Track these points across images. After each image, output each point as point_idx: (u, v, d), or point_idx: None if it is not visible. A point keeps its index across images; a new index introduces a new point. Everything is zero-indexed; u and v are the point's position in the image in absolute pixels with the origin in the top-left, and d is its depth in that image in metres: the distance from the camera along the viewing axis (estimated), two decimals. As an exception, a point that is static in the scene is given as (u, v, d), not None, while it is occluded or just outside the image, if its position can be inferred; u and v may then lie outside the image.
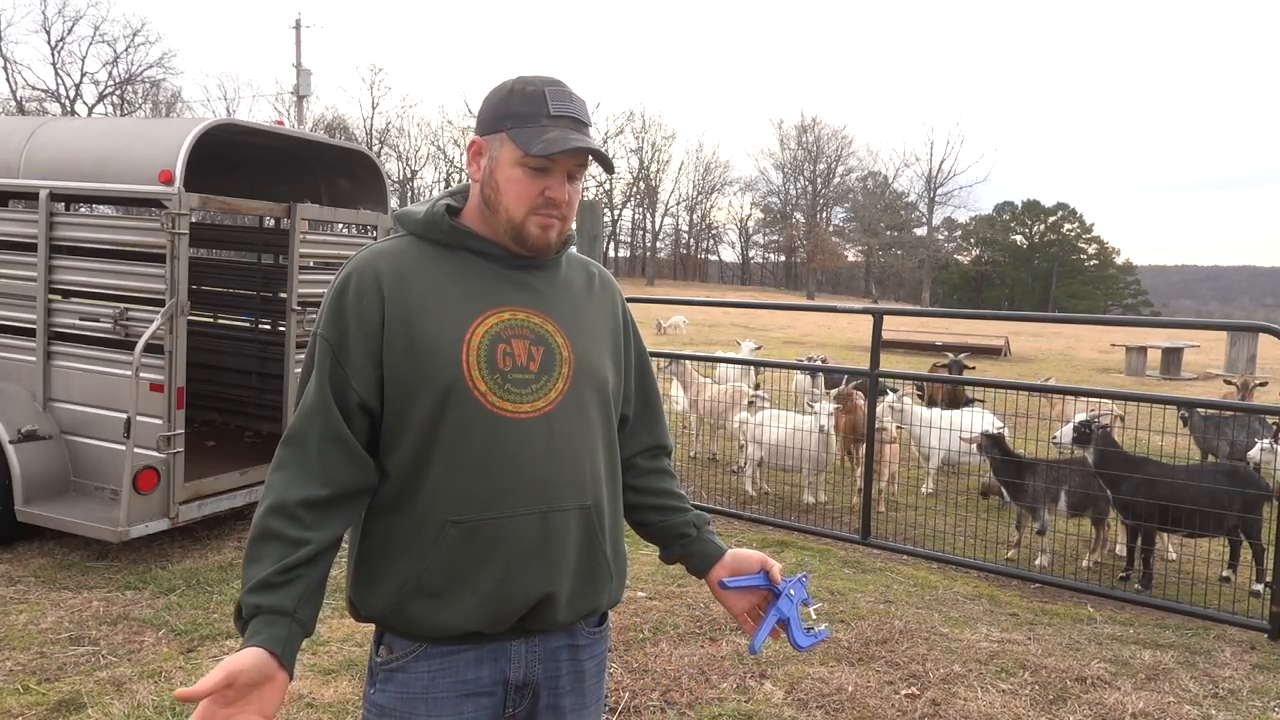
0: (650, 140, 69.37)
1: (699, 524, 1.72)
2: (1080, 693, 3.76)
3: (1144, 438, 6.76)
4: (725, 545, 1.71)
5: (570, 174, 1.50)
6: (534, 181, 1.47)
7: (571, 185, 1.51)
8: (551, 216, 1.50)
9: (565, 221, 1.53)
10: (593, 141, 1.48)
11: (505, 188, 1.49)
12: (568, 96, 1.49)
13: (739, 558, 1.67)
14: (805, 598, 1.64)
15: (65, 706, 3.36)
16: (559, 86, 1.50)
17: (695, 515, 1.73)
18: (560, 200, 1.49)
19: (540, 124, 1.46)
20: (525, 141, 1.45)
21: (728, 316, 30.58)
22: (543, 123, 1.46)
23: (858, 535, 5.77)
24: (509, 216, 1.49)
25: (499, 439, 1.44)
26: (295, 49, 35.40)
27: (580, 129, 1.49)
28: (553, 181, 1.48)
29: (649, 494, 1.72)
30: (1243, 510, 5.00)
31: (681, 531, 1.71)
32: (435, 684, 1.47)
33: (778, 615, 1.62)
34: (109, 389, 4.91)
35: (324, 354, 1.47)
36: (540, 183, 1.48)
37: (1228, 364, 18.16)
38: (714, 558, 1.68)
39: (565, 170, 1.49)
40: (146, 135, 5.09)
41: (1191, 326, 6.24)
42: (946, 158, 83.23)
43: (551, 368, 1.49)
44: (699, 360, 9.11)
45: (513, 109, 1.48)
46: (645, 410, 1.74)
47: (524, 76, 1.52)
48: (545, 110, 1.47)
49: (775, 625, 1.62)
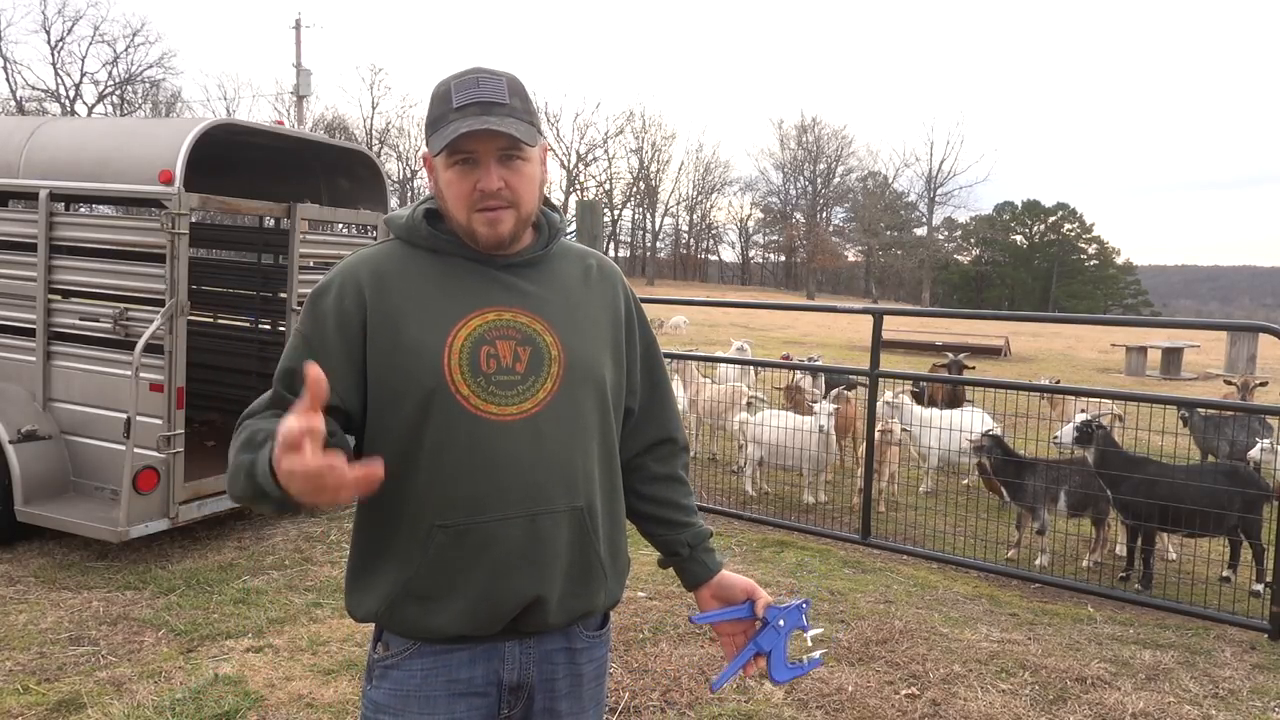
0: (650, 140, 69.40)
1: (693, 543, 1.69)
2: (1080, 693, 3.75)
3: (1144, 438, 6.76)
4: (719, 564, 1.68)
5: (503, 159, 1.45)
6: (465, 179, 1.44)
7: (507, 169, 1.45)
8: (492, 208, 1.45)
9: (517, 208, 1.47)
10: (496, 122, 1.42)
11: (445, 193, 1.48)
12: (473, 83, 1.44)
13: (725, 584, 1.65)
14: (803, 625, 1.60)
15: (65, 706, 3.36)
16: (466, 76, 1.46)
17: (692, 533, 1.70)
18: (491, 189, 1.44)
19: (448, 121, 1.43)
20: (435, 144, 1.44)
21: (728, 316, 30.56)
22: (450, 119, 1.43)
23: (858, 535, 5.77)
24: (457, 221, 1.48)
25: (483, 443, 1.43)
26: (295, 49, 35.44)
27: (491, 110, 1.43)
28: (481, 172, 1.44)
29: (652, 503, 1.70)
30: (1243, 510, 5.00)
31: (674, 550, 1.69)
32: (428, 682, 1.47)
33: (755, 649, 1.58)
34: (109, 389, 4.91)
35: (297, 347, 1.47)
36: (470, 177, 1.44)
37: (1228, 364, 18.16)
38: (700, 580, 1.67)
39: (490, 157, 1.44)
40: (146, 135, 5.09)
41: (1191, 326, 6.24)
42: (946, 158, 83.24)
43: (540, 368, 1.47)
44: (701, 360, 9.11)
45: (431, 115, 1.47)
46: (652, 401, 1.70)
47: (442, 79, 1.49)
48: (450, 105, 1.44)
49: (752, 658, 1.59)
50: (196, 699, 3.41)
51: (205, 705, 3.37)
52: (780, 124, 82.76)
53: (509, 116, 1.44)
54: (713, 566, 1.68)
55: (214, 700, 3.40)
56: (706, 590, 1.66)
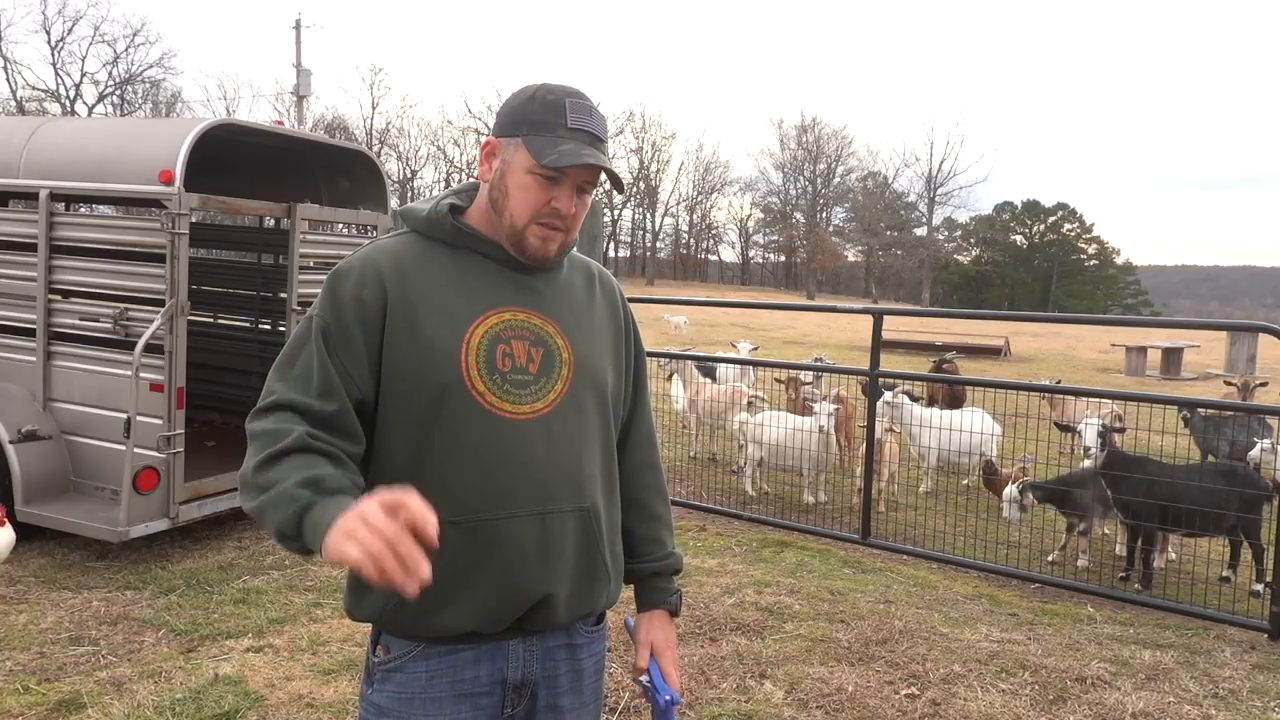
0: (650, 140, 69.33)
1: (640, 576, 1.70)
2: (1080, 693, 3.76)
3: (1144, 438, 6.76)
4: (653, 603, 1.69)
5: (580, 188, 1.49)
6: (542, 191, 1.46)
7: (579, 199, 1.50)
8: (554, 228, 1.49)
9: (568, 234, 1.52)
10: (606, 160, 1.48)
11: (514, 193, 1.48)
12: (588, 111, 1.48)
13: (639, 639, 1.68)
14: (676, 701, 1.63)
15: (65, 706, 3.36)
16: (580, 99, 1.49)
17: (649, 567, 1.70)
18: (566, 213, 1.48)
19: (556, 134, 1.45)
20: (539, 150, 1.44)
21: (728, 316, 30.57)
22: (559, 134, 1.45)
23: (858, 535, 5.77)
24: (512, 222, 1.49)
25: (496, 439, 1.43)
26: (295, 49, 35.42)
27: (596, 144, 1.48)
28: (561, 193, 1.47)
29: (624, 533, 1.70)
30: (1242, 510, 5.00)
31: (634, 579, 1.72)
32: (433, 684, 1.47)
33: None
34: (109, 389, 4.91)
35: (315, 330, 1.44)
36: (548, 193, 1.46)
37: (1228, 364, 18.16)
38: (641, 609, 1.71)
39: (575, 183, 1.47)
40: (146, 135, 5.09)
41: (1191, 326, 6.24)
42: (946, 158, 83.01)
43: (551, 369, 1.49)
44: (701, 360, 9.11)
45: (531, 116, 1.47)
46: (635, 417, 1.72)
47: (547, 85, 1.50)
48: (564, 121, 1.46)
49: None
50: (196, 699, 3.41)
51: (205, 705, 3.37)
52: (780, 124, 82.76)
53: (603, 155, 1.49)
54: (652, 601, 1.69)
55: (214, 700, 3.41)
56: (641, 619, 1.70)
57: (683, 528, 5.92)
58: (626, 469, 1.68)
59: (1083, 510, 5.52)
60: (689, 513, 6.32)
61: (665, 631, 1.68)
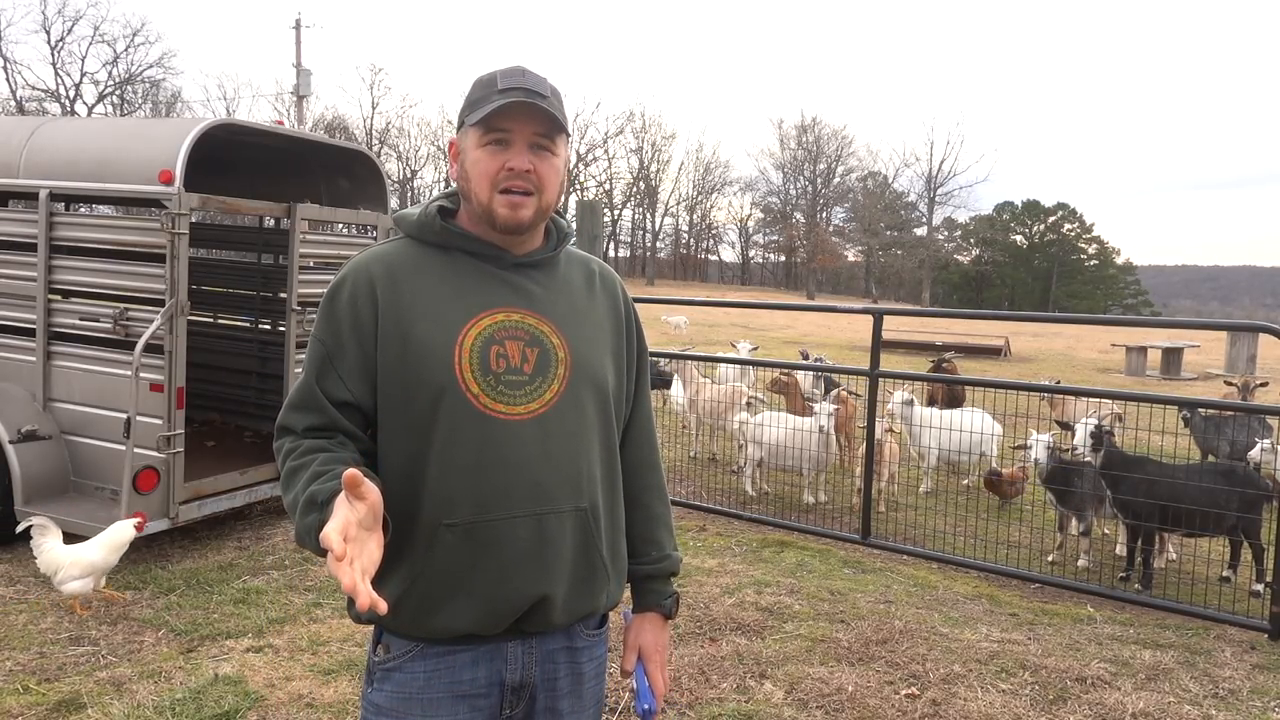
0: (650, 140, 69.26)
1: (636, 577, 1.71)
2: (1080, 693, 3.76)
3: (1144, 438, 6.76)
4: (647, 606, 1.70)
5: (536, 145, 1.48)
6: (494, 158, 1.47)
7: (536, 156, 1.48)
8: (518, 191, 1.47)
9: (539, 195, 1.49)
10: (534, 99, 1.45)
11: (471, 172, 1.49)
12: (519, 73, 1.48)
13: (628, 640, 1.69)
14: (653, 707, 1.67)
15: (65, 706, 3.36)
16: (513, 68, 1.50)
17: (645, 569, 1.70)
18: (522, 169, 1.46)
19: (490, 100, 1.46)
20: (473, 118, 1.47)
21: (728, 316, 30.56)
22: (492, 99, 1.46)
23: (858, 535, 5.77)
24: (478, 200, 1.49)
25: (492, 441, 1.43)
26: (295, 49, 35.43)
27: (532, 97, 1.46)
28: (511, 153, 1.46)
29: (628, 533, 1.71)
30: (1242, 510, 5.00)
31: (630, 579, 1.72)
32: (431, 684, 1.47)
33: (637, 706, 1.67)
34: (109, 389, 4.91)
35: (318, 355, 1.49)
36: (500, 157, 1.47)
37: (1228, 364, 18.16)
38: (637, 609, 1.72)
39: (525, 142, 1.47)
40: (146, 135, 5.09)
41: (1191, 326, 6.22)
42: (946, 158, 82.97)
43: (547, 369, 1.48)
44: (701, 360, 9.11)
45: (470, 98, 1.51)
46: (635, 416, 1.71)
47: (487, 71, 1.52)
48: (496, 88, 1.47)
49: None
50: (196, 699, 3.41)
51: (205, 705, 3.37)
52: (780, 124, 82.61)
53: (549, 108, 1.47)
54: (646, 603, 1.71)
55: (214, 700, 3.40)
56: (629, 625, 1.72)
57: (683, 528, 5.92)
58: (625, 468, 1.68)
59: (1079, 506, 5.51)
60: (689, 513, 6.32)
61: (656, 635, 1.68)
